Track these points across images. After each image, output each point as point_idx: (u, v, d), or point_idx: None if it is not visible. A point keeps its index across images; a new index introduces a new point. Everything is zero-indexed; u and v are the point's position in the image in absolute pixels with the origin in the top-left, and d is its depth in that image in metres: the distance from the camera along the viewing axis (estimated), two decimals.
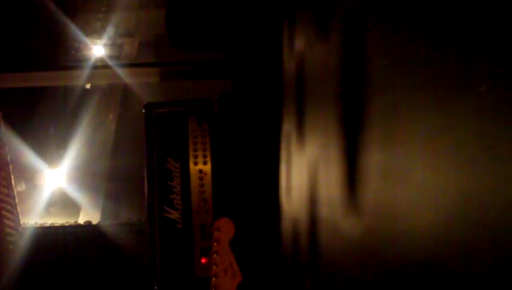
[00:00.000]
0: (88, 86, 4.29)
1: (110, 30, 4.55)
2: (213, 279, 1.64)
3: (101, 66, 4.09)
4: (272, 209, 2.12)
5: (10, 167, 2.52)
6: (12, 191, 2.51)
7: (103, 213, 3.94)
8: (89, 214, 3.81)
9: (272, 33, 2.23)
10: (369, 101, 0.77)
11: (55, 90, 4.24)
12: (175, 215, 2.26)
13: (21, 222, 2.57)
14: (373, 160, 0.75)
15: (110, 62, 4.25)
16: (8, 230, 2.45)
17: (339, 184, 0.94)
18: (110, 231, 2.62)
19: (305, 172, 1.40)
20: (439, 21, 0.52)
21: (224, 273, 1.64)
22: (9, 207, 2.48)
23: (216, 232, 1.69)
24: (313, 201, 1.28)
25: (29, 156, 3.35)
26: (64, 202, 4.05)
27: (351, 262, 0.89)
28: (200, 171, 2.28)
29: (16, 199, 2.54)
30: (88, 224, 2.88)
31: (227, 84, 2.85)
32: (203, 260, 2.23)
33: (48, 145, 4.15)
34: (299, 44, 1.59)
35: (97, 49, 4.59)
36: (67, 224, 2.86)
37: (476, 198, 0.44)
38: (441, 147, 0.51)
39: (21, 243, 2.51)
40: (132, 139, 3.67)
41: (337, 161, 0.96)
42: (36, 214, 3.29)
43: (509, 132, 0.39)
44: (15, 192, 2.54)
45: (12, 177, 2.52)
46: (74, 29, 4.27)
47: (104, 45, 4.62)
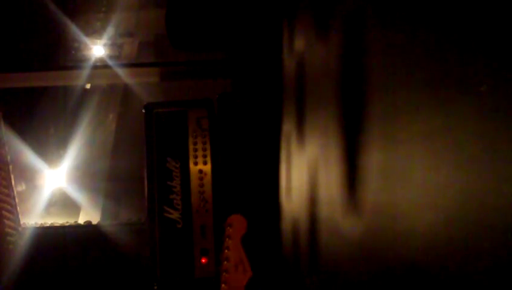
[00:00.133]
0: (88, 86, 4.28)
1: (110, 30, 4.55)
2: (223, 274, 1.66)
3: (101, 66, 4.09)
4: (272, 209, 2.12)
5: (10, 167, 2.52)
6: (12, 191, 2.51)
7: (103, 213, 3.94)
8: (89, 214, 3.81)
9: (272, 33, 2.23)
10: (369, 101, 0.77)
11: (55, 90, 4.24)
12: (175, 215, 2.26)
13: (21, 222, 2.56)
14: (373, 160, 0.75)
15: (110, 62, 4.25)
16: (8, 230, 2.45)
17: (339, 184, 0.94)
18: (110, 231, 2.62)
19: (305, 172, 1.40)
20: (439, 21, 0.52)
21: (235, 268, 1.66)
22: (9, 207, 2.48)
23: (228, 228, 1.70)
24: (313, 201, 1.28)
25: (29, 156, 3.34)
26: (64, 202, 4.05)
27: (351, 262, 0.89)
28: (200, 171, 2.28)
29: (16, 199, 2.54)
30: (88, 224, 2.88)
31: (227, 84, 2.85)
32: (203, 260, 2.23)
33: (48, 145, 4.15)
34: (299, 44, 1.59)
35: (97, 49, 4.59)
36: (67, 224, 2.86)
37: (476, 198, 0.44)
38: (441, 147, 0.51)
39: (21, 243, 2.50)
40: (132, 139, 3.67)
41: (337, 161, 0.96)
42: (36, 214, 3.28)
43: (509, 132, 0.39)
44: (15, 192, 2.53)
45: (12, 177, 2.52)
46: (74, 29, 4.27)
47: (104, 45, 4.62)
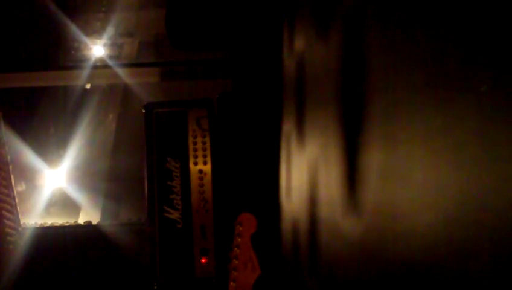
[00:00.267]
0: (88, 86, 4.28)
1: (110, 30, 4.55)
2: (232, 272, 1.67)
3: (101, 66, 4.08)
4: (272, 209, 2.12)
5: (10, 167, 2.52)
6: (12, 191, 2.51)
7: (103, 213, 3.94)
8: (89, 214, 3.81)
9: (272, 33, 2.23)
10: (369, 101, 0.77)
11: (55, 90, 4.24)
12: (175, 215, 2.26)
13: (21, 222, 2.56)
14: (373, 160, 0.75)
15: (110, 62, 4.25)
16: (8, 230, 2.45)
17: (339, 184, 0.94)
18: (110, 231, 2.62)
19: (305, 172, 1.40)
20: (439, 21, 0.52)
21: (244, 266, 1.67)
22: (9, 207, 2.48)
23: (238, 226, 1.71)
24: (313, 201, 1.28)
25: (29, 156, 3.34)
26: (64, 202, 4.04)
27: (351, 262, 0.89)
28: (200, 171, 2.28)
29: (16, 199, 2.54)
30: (88, 224, 2.88)
31: (227, 84, 2.85)
32: (203, 260, 2.23)
33: (48, 145, 4.15)
34: (299, 44, 1.59)
35: (97, 49, 4.59)
36: (67, 224, 2.86)
37: (476, 198, 0.44)
38: (441, 147, 0.51)
39: (21, 243, 2.50)
40: (132, 139, 3.67)
41: (337, 161, 0.96)
42: (36, 214, 3.28)
43: (509, 132, 0.39)
44: (15, 192, 2.53)
45: (12, 177, 2.52)
46: (74, 29, 4.27)
47: (104, 45, 4.61)
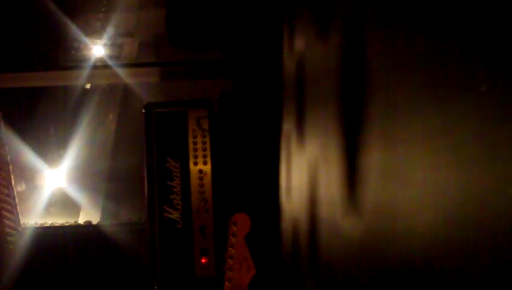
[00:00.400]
0: (88, 86, 4.28)
1: (110, 30, 4.55)
2: (227, 272, 1.67)
3: (101, 66, 4.09)
4: (272, 209, 2.12)
5: (10, 167, 2.52)
6: (12, 191, 2.51)
7: (103, 213, 3.94)
8: (89, 214, 3.81)
9: (272, 33, 2.23)
10: (369, 101, 0.77)
11: (55, 90, 4.24)
12: (175, 215, 2.26)
13: (21, 222, 2.56)
14: (373, 160, 0.75)
15: (110, 62, 4.25)
16: (8, 230, 2.45)
17: (339, 184, 0.94)
18: (110, 231, 2.62)
19: (305, 172, 1.40)
20: (439, 21, 0.52)
21: (239, 266, 1.67)
22: (9, 207, 2.48)
23: (233, 226, 1.71)
24: (313, 201, 1.28)
25: (29, 156, 3.34)
26: (64, 202, 4.05)
27: (351, 262, 0.89)
28: (200, 171, 2.28)
29: (16, 199, 2.54)
30: (88, 224, 2.88)
31: (227, 84, 2.85)
32: (203, 260, 2.23)
33: (48, 145, 4.15)
34: (299, 44, 1.59)
35: (97, 49, 4.59)
36: (67, 224, 2.86)
37: (476, 198, 0.44)
38: (441, 147, 0.51)
39: (21, 243, 2.51)
40: (132, 139, 3.67)
41: (337, 161, 0.96)
42: (36, 214, 3.28)
43: (509, 132, 0.39)
44: (15, 192, 2.53)
45: (12, 177, 2.52)
46: (74, 29, 4.27)
47: (104, 45, 4.61)
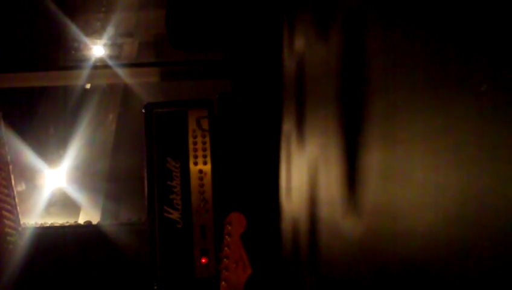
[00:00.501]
0: (88, 86, 4.29)
1: (110, 30, 4.55)
2: (223, 272, 1.67)
3: (101, 66, 4.09)
4: (272, 208, 2.12)
5: (10, 167, 2.52)
6: (12, 191, 2.51)
7: (103, 213, 3.94)
8: (89, 214, 3.81)
9: (272, 33, 2.23)
10: (369, 101, 0.77)
11: (55, 90, 4.24)
12: (175, 215, 2.26)
13: (21, 222, 2.56)
14: (373, 160, 0.75)
15: (110, 62, 4.25)
16: (8, 230, 2.45)
17: (339, 184, 0.94)
18: (110, 231, 2.62)
19: (305, 172, 1.40)
20: (439, 21, 0.52)
21: (234, 266, 1.67)
22: (9, 207, 2.48)
23: (228, 226, 1.71)
24: (313, 201, 1.28)
25: (29, 156, 3.34)
26: (64, 202, 4.05)
27: (351, 262, 0.89)
28: (200, 171, 2.28)
29: (16, 199, 2.54)
30: (88, 224, 2.88)
31: (227, 84, 2.85)
32: (203, 260, 2.23)
33: (48, 145, 4.15)
34: (299, 44, 1.59)
35: (97, 49, 4.59)
36: (67, 224, 2.87)
37: (476, 198, 0.44)
38: (441, 147, 0.51)
39: (21, 243, 2.51)
40: (132, 139, 3.67)
41: (337, 161, 0.96)
42: (36, 214, 3.28)
43: (509, 132, 0.39)
44: (15, 192, 2.54)
45: (12, 177, 2.52)
46: (74, 29, 4.27)
47: (104, 45, 4.62)
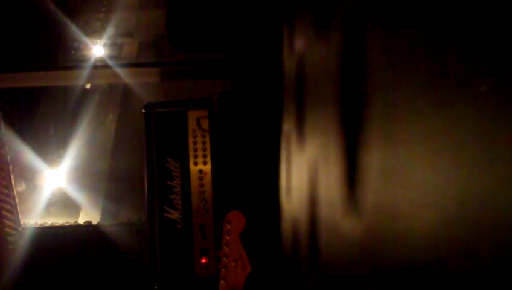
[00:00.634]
0: (88, 86, 4.29)
1: (110, 30, 4.55)
2: (223, 270, 1.67)
3: (101, 66, 4.09)
4: (272, 209, 2.12)
5: (10, 167, 2.52)
6: (12, 191, 2.51)
7: (103, 213, 3.94)
8: (89, 214, 3.81)
9: (272, 33, 2.23)
10: (369, 101, 0.77)
11: (55, 90, 4.24)
12: (175, 215, 2.26)
13: (21, 222, 2.56)
14: (373, 160, 0.75)
15: (110, 62, 4.25)
16: (8, 230, 2.45)
17: (339, 184, 0.94)
18: (110, 231, 2.62)
19: (305, 172, 1.40)
20: (439, 21, 0.52)
21: (234, 264, 1.67)
22: (9, 207, 2.48)
23: (227, 224, 1.71)
24: (313, 201, 1.28)
25: (29, 156, 3.34)
26: (64, 202, 4.05)
27: (351, 262, 0.89)
28: (200, 171, 2.28)
29: (16, 199, 2.54)
30: (88, 224, 2.88)
31: (227, 84, 2.85)
32: (203, 260, 2.23)
33: (48, 145, 4.15)
34: (299, 44, 1.59)
35: (97, 49, 4.59)
36: (67, 224, 2.87)
37: (476, 198, 0.44)
38: (441, 147, 0.51)
39: (21, 243, 2.51)
40: (132, 139, 3.67)
41: (337, 161, 0.96)
42: (36, 214, 3.28)
43: (509, 132, 0.39)
44: (15, 192, 2.54)
45: (12, 177, 2.52)
46: (74, 29, 4.27)
47: (104, 45, 4.62)
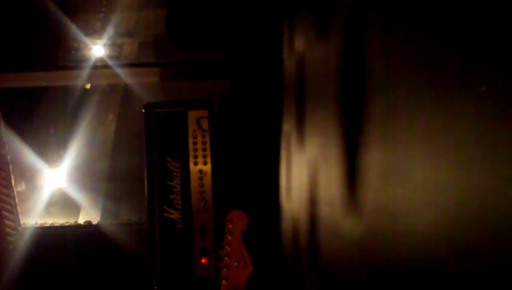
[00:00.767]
0: (88, 86, 4.29)
1: (110, 30, 4.55)
2: (224, 270, 1.66)
3: (101, 66, 4.09)
4: (272, 208, 2.12)
5: (10, 167, 2.52)
6: (12, 191, 2.51)
7: (103, 213, 3.94)
8: (89, 214, 3.81)
9: (272, 33, 2.23)
10: (369, 101, 0.77)
11: (55, 90, 4.25)
12: (175, 215, 2.26)
13: (21, 222, 2.56)
14: (373, 160, 0.75)
15: (110, 62, 4.25)
16: (8, 230, 2.45)
17: (339, 184, 0.94)
18: (110, 231, 2.62)
19: (305, 172, 1.40)
20: (439, 21, 0.52)
21: (235, 264, 1.67)
22: (9, 207, 2.48)
23: (229, 224, 1.71)
24: (313, 201, 1.28)
25: (29, 156, 3.34)
26: (64, 202, 4.04)
27: (351, 262, 0.89)
28: (200, 171, 2.28)
29: (16, 199, 2.54)
30: (88, 224, 2.88)
31: (227, 84, 2.85)
32: (203, 260, 2.23)
33: (48, 145, 4.15)
34: (299, 44, 1.59)
35: (97, 49, 4.59)
36: (67, 224, 2.86)
37: (476, 198, 0.44)
38: (441, 147, 0.51)
39: (21, 243, 2.50)
40: (132, 139, 3.67)
41: (337, 161, 0.96)
42: (36, 214, 3.28)
43: (509, 132, 0.39)
44: (15, 192, 2.53)
45: (12, 177, 2.52)
46: (74, 29, 4.27)
47: (104, 45, 4.62)
